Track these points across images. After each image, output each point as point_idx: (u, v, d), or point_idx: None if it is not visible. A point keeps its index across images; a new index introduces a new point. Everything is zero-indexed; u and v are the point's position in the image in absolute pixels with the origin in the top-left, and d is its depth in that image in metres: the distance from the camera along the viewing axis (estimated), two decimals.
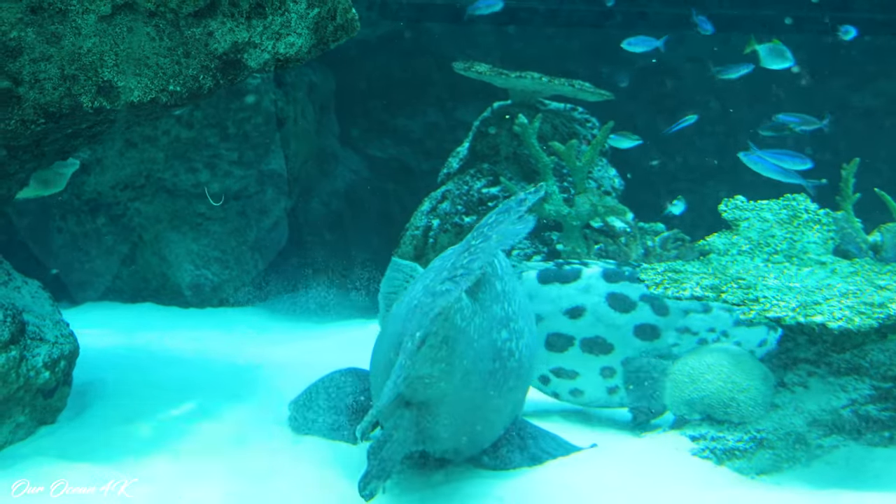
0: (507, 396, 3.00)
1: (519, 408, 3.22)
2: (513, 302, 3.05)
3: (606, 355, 3.58)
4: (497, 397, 2.94)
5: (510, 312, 3.00)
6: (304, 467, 3.13)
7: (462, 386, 2.76)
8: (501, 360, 2.91)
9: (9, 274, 3.73)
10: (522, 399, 3.24)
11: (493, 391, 2.91)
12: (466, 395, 2.80)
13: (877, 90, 7.48)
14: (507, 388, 2.97)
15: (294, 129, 6.64)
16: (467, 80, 5.91)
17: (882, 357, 3.12)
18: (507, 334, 2.95)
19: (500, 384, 2.93)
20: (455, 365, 2.68)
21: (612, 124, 5.09)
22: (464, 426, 2.90)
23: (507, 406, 3.05)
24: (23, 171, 3.71)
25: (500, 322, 2.92)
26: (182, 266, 6.07)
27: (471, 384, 2.80)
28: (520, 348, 3.02)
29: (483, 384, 2.85)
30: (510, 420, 3.15)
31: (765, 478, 3.03)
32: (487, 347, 2.84)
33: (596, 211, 4.90)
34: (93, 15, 3.06)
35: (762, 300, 3.03)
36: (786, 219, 3.64)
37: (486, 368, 2.85)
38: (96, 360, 4.19)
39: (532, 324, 3.28)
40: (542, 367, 3.69)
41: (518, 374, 3.02)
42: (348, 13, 3.69)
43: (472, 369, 2.77)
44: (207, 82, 3.35)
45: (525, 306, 3.23)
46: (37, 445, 3.27)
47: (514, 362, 2.98)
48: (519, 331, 3.03)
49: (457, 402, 2.79)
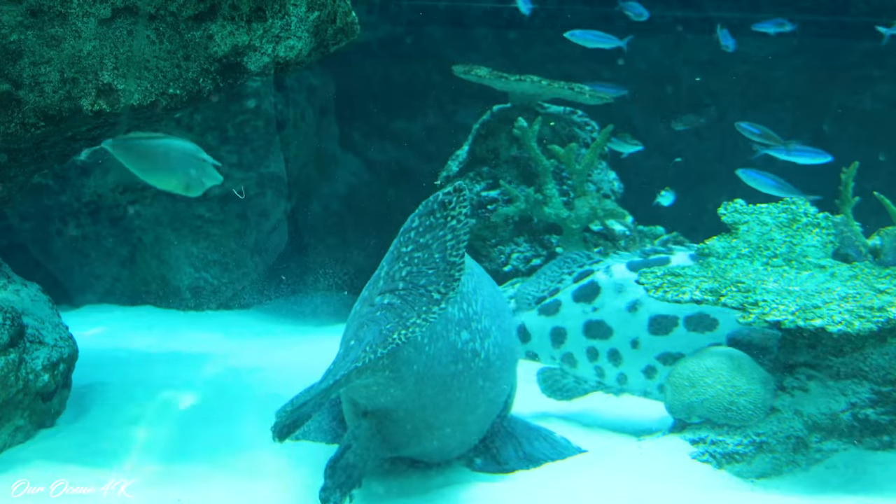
0: (477, 397, 3.01)
1: (499, 406, 3.23)
2: (474, 302, 3.05)
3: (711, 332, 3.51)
4: (465, 399, 2.95)
5: (471, 313, 3.01)
6: (304, 471, 3.13)
7: (419, 391, 2.79)
8: (465, 362, 2.93)
9: (8, 277, 3.73)
10: (502, 398, 3.24)
11: (460, 393, 2.92)
12: (426, 399, 2.83)
13: (876, 94, 7.49)
14: (475, 389, 2.98)
15: (294, 132, 6.64)
16: (467, 84, 5.92)
17: (881, 361, 3.12)
18: (468, 335, 2.96)
19: (465, 385, 2.94)
20: (403, 371, 2.70)
21: (611, 128, 5.10)
22: (431, 430, 2.93)
23: (480, 406, 3.05)
24: (23, 174, 3.72)
25: (458, 324, 2.93)
26: (182, 269, 6.06)
27: (429, 388, 2.82)
28: (486, 348, 3.03)
29: (445, 387, 2.87)
30: (488, 419, 3.16)
31: (764, 482, 3.03)
32: (445, 350, 2.86)
33: (595, 214, 4.90)
34: (93, 18, 3.07)
35: (762, 304, 3.03)
36: (785, 222, 3.64)
37: (447, 371, 2.86)
38: (96, 363, 4.19)
39: (506, 321, 3.28)
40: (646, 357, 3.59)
41: (487, 373, 3.03)
42: (348, 16, 3.70)
43: (428, 373, 2.79)
44: (207, 85, 3.36)
45: (495, 305, 3.23)
46: (36, 448, 3.27)
47: (481, 362, 2.99)
48: (483, 330, 3.04)
49: (417, 407, 2.82)
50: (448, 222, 2.61)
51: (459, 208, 2.62)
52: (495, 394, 3.15)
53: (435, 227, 2.62)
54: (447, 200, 2.61)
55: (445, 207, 2.61)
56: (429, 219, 2.64)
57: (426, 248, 2.63)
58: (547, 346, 3.75)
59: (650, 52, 7.35)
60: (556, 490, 2.92)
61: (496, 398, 3.17)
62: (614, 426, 3.77)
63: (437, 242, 2.62)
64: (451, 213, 2.62)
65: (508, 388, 3.36)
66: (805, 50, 7.43)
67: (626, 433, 3.57)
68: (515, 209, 4.96)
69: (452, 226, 2.61)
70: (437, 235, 2.62)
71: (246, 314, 6.10)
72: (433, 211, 2.63)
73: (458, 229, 2.61)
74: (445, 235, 2.61)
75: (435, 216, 2.62)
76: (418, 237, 2.64)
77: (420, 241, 2.64)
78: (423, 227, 2.65)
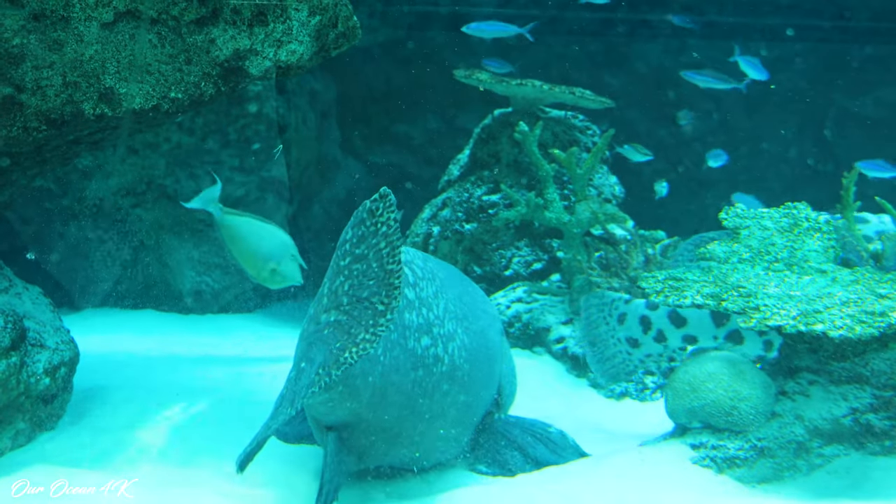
0: (444, 401, 3.01)
1: (480, 408, 3.22)
2: (435, 307, 3.05)
3: None
4: (430, 405, 2.96)
5: (431, 318, 3.01)
6: (306, 476, 3.13)
7: (377, 401, 2.80)
8: (426, 368, 2.93)
9: (10, 280, 3.73)
10: (483, 399, 3.23)
11: (423, 399, 2.93)
12: (387, 408, 2.83)
13: (878, 98, 7.49)
14: (441, 394, 2.99)
15: (295, 136, 6.65)
16: (468, 88, 5.92)
17: (883, 366, 3.11)
18: (428, 340, 2.96)
19: (429, 391, 2.95)
20: (357, 384, 2.71)
21: (612, 132, 5.10)
22: (399, 438, 2.93)
23: (450, 410, 3.06)
24: (24, 177, 3.72)
25: (417, 330, 2.94)
26: (183, 272, 6.07)
27: (388, 397, 2.83)
28: (450, 352, 3.03)
29: (406, 395, 2.87)
30: (465, 422, 3.15)
31: (766, 487, 3.03)
32: (403, 358, 2.86)
33: (597, 218, 4.90)
34: (95, 22, 3.08)
35: (763, 308, 3.03)
36: (786, 227, 3.64)
37: (407, 379, 2.87)
38: (97, 367, 4.18)
39: (479, 322, 3.27)
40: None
41: (452, 377, 3.03)
42: (350, 21, 3.70)
43: (385, 383, 2.80)
44: (209, 89, 3.36)
45: (464, 307, 3.22)
46: (37, 452, 3.27)
47: (445, 367, 3.00)
48: (447, 335, 3.04)
49: (377, 417, 2.83)
50: (379, 229, 2.56)
51: (387, 213, 2.57)
52: (470, 397, 3.14)
53: (367, 236, 2.58)
54: (374, 208, 2.55)
55: (374, 215, 2.56)
56: (360, 228, 2.59)
57: (363, 260, 2.59)
58: (708, 327, 3.65)
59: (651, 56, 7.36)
60: (557, 494, 2.92)
61: (472, 401, 3.16)
62: (615, 430, 3.76)
63: (373, 251, 2.58)
64: (380, 219, 2.56)
65: (495, 389, 3.34)
66: (807, 54, 7.43)
67: (627, 437, 3.57)
68: (516, 213, 4.96)
69: (384, 232, 2.56)
70: (371, 244, 2.58)
71: (247, 318, 6.10)
72: (363, 220, 2.58)
73: (391, 235, 2.57)
74: (379, 243, 2.57)
75: (366, 225, 2.57)
76: (353, 248, 2.61)
77: (356, 252, 2.60)
78: (356, 238, 2.60)
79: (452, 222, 5.65)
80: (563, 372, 4.62)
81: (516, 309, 5.01)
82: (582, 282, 4.77)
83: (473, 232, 5.58)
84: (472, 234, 5.59)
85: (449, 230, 5.64)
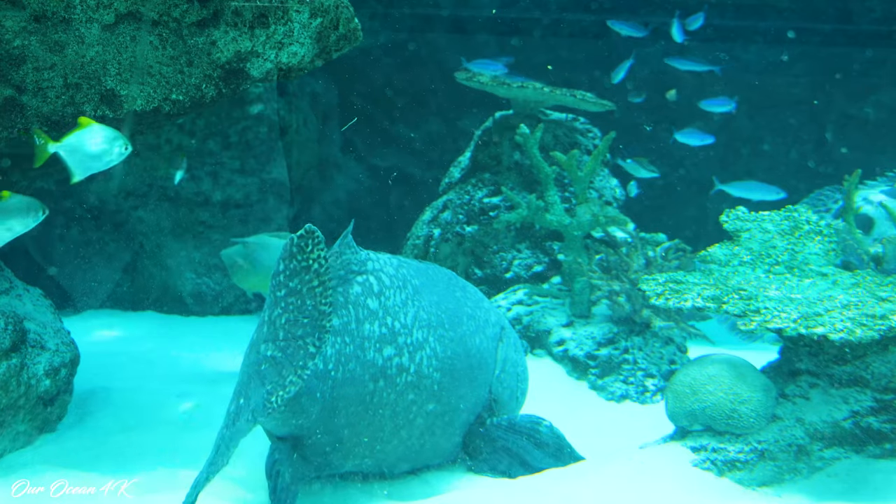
0: (410, 410, 2.99)
1: (458, 415, 3.18)
2: (403, 315, 3.02)
3: None
4: (392, 415, 2.94)
5: (397, 327, 2.98)
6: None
7: (328, 415, 2.80)
8: (387, 378, 2.92)
9: (10, 282, 3.73)
10: (461, 407, 3.19)
11: (384, 409, 2.92)
12: (340, 420, 2.84)
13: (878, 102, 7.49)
14: (405, 403, 2.97)
15: (296, 138, 6.65)
16: (469, 90, 5.92)
17: (883, 369, 3.11)
18: (392, 350, 2.94)
19: (391, 401, 2.93)
20: (303, 403, 2.73)
21: (613, 135, 5.10)
22: (358, 448, 2.93)
23: (418, 419, 3.03)
24: (25, 179, 3.72)
25: (379, 340, 2.92)
26: (184, 274, 6.07)
27: (341, 409, 2.82)
28: (417, 361, 3.01)
29: (363, 406, 2.87)
30: (431, 432, 3.11)
31: (766, 490, 3.02)
32: (360, 370, 2.85)
33: (597, 221, 4.90)
34: (96, 24, 3.08)
35: (763, 311, 3.03)
36: (787, 230, 3.64)
37: (365, 390, 2.86)
38: (97, 369, 4.18)
39: (456, 329, 3.20)
40: None
41: (418, 386, 3.01)
42: (351, 23, 3.71)
43: (337, 396, 2.80)
44: (210, 91, 3.36)
45: (440, 315, 3.16)
46: (37, 453, 3.27)
47: (410, 376, 2.97)
48: (413, 343, 3.01)
49: (329, 429, 2.83)
50: (311, 265, 2.57)
51: (317, 251, 2.57)
52: (441, 405, 3.10)
53: (299, 271, 2.58)
54: (303, 244, 2.55)
55: (303, 251, 2.56)
56: (291, 262, 2.59)
57: (297, 294, 2.59)
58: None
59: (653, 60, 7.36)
60: (558, 497, 2.92)
61: (445, 410, 3.12)
62: (615, 432, 3.76)
63: (306, 287, 2.58)
64: (311, 256, 2.57)
65: (483, 395, 3.31)
66: (807, 58, 7.43)
67: (628, 439, 3.56)
68: (517, 216, 4.96)
69: (315, 269, 2.57)
70: (304, 280, 2.58)
71: (248, 319, 6.09)
72: (293, 255, 2.58)
73: (322, 274, 2.57)
74: (312, 280, 2.57)
75: (297, 259, 2.58)
76: (287, 281, 2.60)
77: (290, 285, 2.60)
78: (288, 271, 2.60)
79: (453, 225, 5.65)
80: (563, 374, 4.62)
81: (517, 311, 5.01)
82: (583, 284, 4.77)
83: (474, 234, 5.58)
84: (473, 236, 5.59)
85: (450, 232, 5.64)
